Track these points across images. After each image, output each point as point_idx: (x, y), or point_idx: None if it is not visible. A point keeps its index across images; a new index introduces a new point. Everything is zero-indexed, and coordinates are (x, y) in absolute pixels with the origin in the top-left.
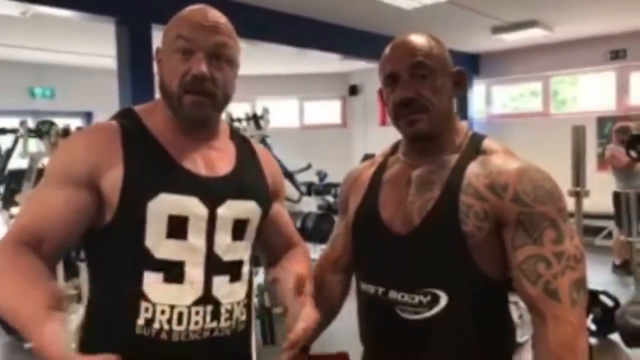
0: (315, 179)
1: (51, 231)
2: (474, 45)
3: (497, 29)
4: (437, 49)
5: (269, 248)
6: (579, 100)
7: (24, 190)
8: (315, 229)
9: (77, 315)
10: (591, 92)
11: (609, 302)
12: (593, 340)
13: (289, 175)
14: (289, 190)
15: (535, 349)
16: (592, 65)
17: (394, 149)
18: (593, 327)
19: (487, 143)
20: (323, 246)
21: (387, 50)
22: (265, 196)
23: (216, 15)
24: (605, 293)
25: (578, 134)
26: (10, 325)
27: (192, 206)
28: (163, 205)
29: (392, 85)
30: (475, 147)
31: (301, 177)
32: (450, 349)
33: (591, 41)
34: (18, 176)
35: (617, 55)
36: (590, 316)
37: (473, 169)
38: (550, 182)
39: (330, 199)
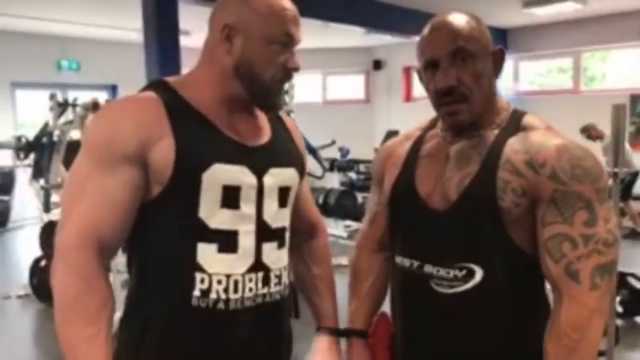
0: (337, 155)
1: (114, 222)
2: (503, 20)
3: (529, 3)
4: (478, 31)
5: (290, 221)
6: (609, 76)
7: (54, 163)
8: (337, 205)
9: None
10: (623, 69)
11: (637, 284)
12: (619, 322)
13: (313, 151)
14: (313, 166)
15: (548, 327)
16: (626, 40)
17: (433, 123)
18: (620, 309)
19: (527, 119)
20: (345, 222)
21: (426, 31)
22: (301, 163)
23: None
24: (633, 275)
25: (618, 113)
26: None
27: (244, 175)
28: (218, 175)
29: (432, 70)
30: (515, 124)
31: (324, 153)
32: (484, 322)
33: (625, 16)
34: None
35: None
36: (617, 298)
37: (512, 144)
38: (590, 161)
39: (352, 175)
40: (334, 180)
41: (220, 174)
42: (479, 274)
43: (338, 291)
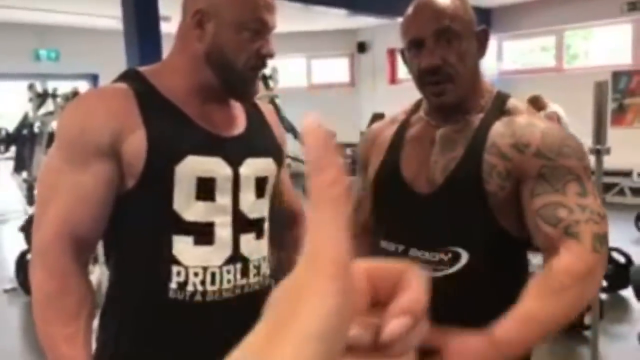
0: None
1: (90, 218)
2: None
3: None
4: (462, 10)
5: (271, 211)
6: (592, 54)
7: (36, 155)
8: None
9: (94, 275)
10: (605, 46)
11: (621, 259)
12: (604, 296)
13: (299, 136)
14: (298, 150)
15: (539, 273)
16: (608, 17)
17: (417, 106)
18: (604, 283)
19: (511, 103)
20: None
21: (410, 11)
22: (279, 153)
23: None
24: (617, 250)
25: (600, 89)
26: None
27: (218, 167)
28: (191, 167)
29: (416, 50)
30: (499, 107)
31: None
32: (470, 305)
33: None
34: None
35: (634, 7)
36: None
37: (497, 128)
38: (575, 141)
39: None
40: None
41: (193, 166)
42: (464, 257)
43: None
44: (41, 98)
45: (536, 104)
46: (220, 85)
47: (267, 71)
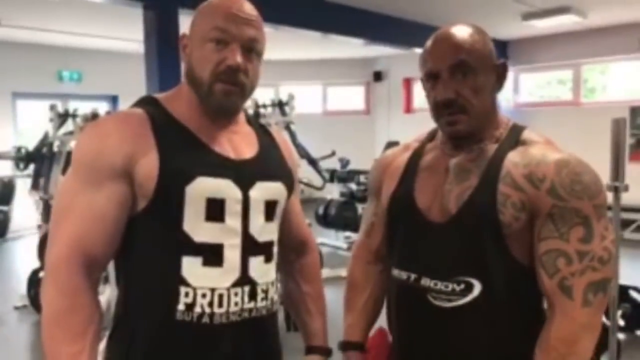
0: (337, 166)
1: (102, 238)
2: (504, 32)
3: (528, 15)
4: (480, 44)
5: (280, 237)
6: (609, 88)
7: (53, 174)
8: (337, 216)
9: (105, 295)
10: (623, 81)
11: (639, 298)
12: (621, 336)
13: (313, 162)
14: (313, 176)
15: (539, 338)
16: (625, 52)
17: (432, 135)
18: (622, 322)
19: (527, 134)
20: (345, 233)
21: (428, 44)
22: (289, 178)
23: (249, 8)
24: (636, 288)
25: (618, 127)
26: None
27: (228, 189)
28: (201, 188)
29: (433, 82)
30: (514, 138)
31: (324, 164)
32: (483, 336)
33: (624, 28)
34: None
35: None
36: (619, 312)
37: (512, 158)
38: (590, 176)
39: (353, 186)
40: (334, 191)
41: (203, 187)
42: (477, 288)
43: (338, 303)
44: (61, 118)
45: None
46: (201, 102)
47: (282, 96)
